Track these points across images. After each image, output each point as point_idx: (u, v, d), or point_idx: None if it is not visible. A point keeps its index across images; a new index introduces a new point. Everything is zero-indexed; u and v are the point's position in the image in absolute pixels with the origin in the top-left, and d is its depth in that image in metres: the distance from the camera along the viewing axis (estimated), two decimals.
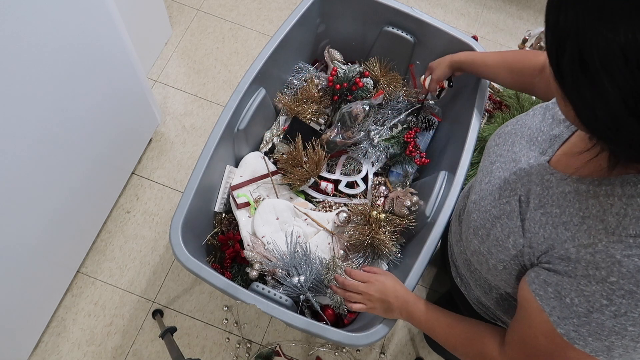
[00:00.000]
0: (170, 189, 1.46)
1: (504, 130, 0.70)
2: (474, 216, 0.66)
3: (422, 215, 0.95)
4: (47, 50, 0.84)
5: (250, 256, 0.95)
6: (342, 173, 1.14)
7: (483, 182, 0.68)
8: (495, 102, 1.39)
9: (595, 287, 0.47)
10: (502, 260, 0.60)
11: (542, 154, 0.61)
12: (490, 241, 0.61)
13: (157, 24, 1.57)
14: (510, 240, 0.58)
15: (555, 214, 0.53)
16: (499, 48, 1.87)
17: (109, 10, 0.98)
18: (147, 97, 1.30)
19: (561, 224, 0.52)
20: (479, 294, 0.76)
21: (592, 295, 0.47)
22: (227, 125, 0.95)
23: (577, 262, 0.49)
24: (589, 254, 0.48)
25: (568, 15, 0.39)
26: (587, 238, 0.48)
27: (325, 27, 1.20)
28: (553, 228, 0.52)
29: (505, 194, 0.62)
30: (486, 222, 0.63)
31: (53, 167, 0.98)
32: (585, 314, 0.48)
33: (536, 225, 0.55)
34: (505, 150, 0.67)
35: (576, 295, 0.49)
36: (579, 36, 0.38)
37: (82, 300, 1.30)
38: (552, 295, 0.51)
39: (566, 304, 0.50)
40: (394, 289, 0.78)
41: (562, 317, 0.50)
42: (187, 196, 0.88)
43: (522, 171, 0.61)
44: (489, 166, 0.68)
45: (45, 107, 0.89)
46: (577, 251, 0.49)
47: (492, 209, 0.62)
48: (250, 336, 1.30)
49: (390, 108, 1.16)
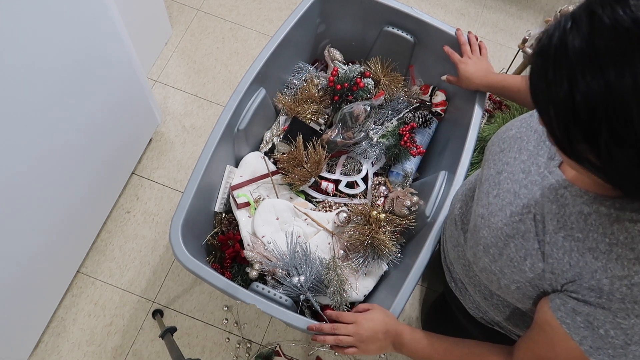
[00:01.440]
0: (170, 189, 1.46)
1: (508, 134, 0.67)
2: (484, 233, 0.62)
3: (422, 215, 0.95)
4: (47, 50, 0.84)
5: (250, 256, 0.95)
6: (342, 173, 1.14)
7: (491, 194, 0.64)
8: (495, 102, 1.39)
9: (634, 321, 0.46)
10: (515, 282, 0.58)
11: (551, 159, 0.59)
12: (503, 261, 0.59)
13: (157, 24, 1.57)
14: (527, 263, 0.56)
15: (578, 239, 0.51)
16: (499, 48, 1.87)
17: (109, 11, 0.98)
18: (147, 97, 1.30)
19: (587, 250, 0.50)
20: (478, 299, 0.74)
21: (630, 328, 0.46)
22: (227, 125, 0.95)
23: (611, 294, 0.47)
24: (624, 287, 0.46)
25: (625, 76, 0.36)
26: (621, 270, 0.47)
27: (325, 27, 1.20)
28: (580, 256, 0.50)
29: (517, 210, 0.59)
30: (498, 241, 0.60)
31: (53, 167, 0.98)
32: (623, 346, 0.47)
33: (560, 251, 0.53)
34: (512, 158, 0.64)
35: (611, 327, 0.48)
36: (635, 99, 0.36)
37: (82, 300, 1.30)
38: (582, 325, 0.50)
39: (600, 335, 0.49)
40: (384, 324, 0.74)
41: (596, 347, 0.49)
42: (187, 196, 0.88)
43: (533, 185, 0.59)
44: (496, 176, 0.65)
45: (45, 107, 0.89)
46: (611, 283, 0.47)
47: (505, 227, 0.59)
48: (250, 336, 1.30)
49: (391, 108, 1.16)
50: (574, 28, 0.39)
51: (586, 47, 0.38)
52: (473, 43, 1.03)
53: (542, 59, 0.42)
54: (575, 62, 0.39)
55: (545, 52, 0.42)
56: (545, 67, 0.42)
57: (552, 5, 2.01)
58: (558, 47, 0.40)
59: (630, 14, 0.36)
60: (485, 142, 1.23)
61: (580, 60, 0.38)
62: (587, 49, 0.38)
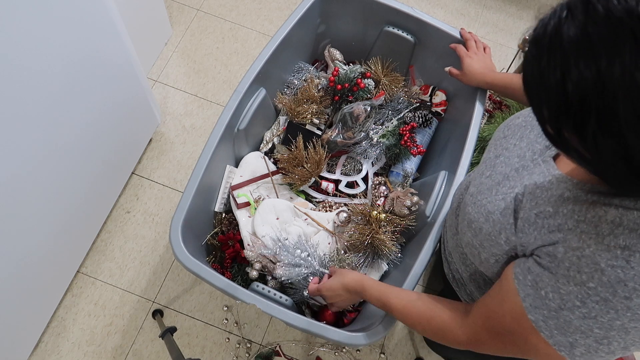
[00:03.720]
0: (170, 189, 1.46)
1: (514, 122, 0.69)
2: (469, 209, 0.66)
3: (422, 215, 0.95)
4: (47, 50, 0.83)
5: (250, 256, 0.95)
6: (342, 173, 1.14)
7: (484, 175, 0.68)
8: (495, 102, 1.39)
9: (571, 288, 0.48)
10: (494, 254, 0.61)
11: (548, 148, 0.60)
12: (483, 235, 0.62)
13: (157, 24, 1.57)
14: (502, 237, 0.59)
15: (548, 213, 0.53)
16: (499, 48, 1.87)
17: (109, 11, 0.98)
18: (147, 97, 1.30)
19: (555, 227, 0.52)
20: (472, 288, 0.76)
21: (567, 294, 0.49)
22: (227, 125, 0.95)
23: (562, 261, 0.49)
24: (575, 257, 0.48)
25: (615, 66, 0.36)
26: (577, 241, 0.49)
27: (325, 27, 1.20)
28: (548, 232, 0.53)
29: (503, 190, 0.62)
30: (480, 216, 0.63)
31: (53, 167, 0.98)
32: (556, 309, 0.50)
33: (530, 227, 0.55)
34: (512, 144, 0.66)
35: (551, 290, 0.50)
36: (627, 89, 0.36)
37: (82, 300, 1.30)
38: (529, 284, 0.53)
39: (540, 296, 0.51)
40: (340, 283, 0.82)
41: (534, 306, 0.52)
42: (187, 196, 0.88)
43: (524, 169, 0.61)
44: (493, 159, 0.68)
45: (45, 107, 0.89)
46: (565, 252, 0.49)
47: (488, 204, 0.63)
48: (250, 336, 1.30)
49: (391, 108, 1.16)
50: (569, 17, 0.40)
51: (580, 35, 0.38)
52: (478, 41, 1.04)
53: (536, 47, 0.43)
54: (569, 51, 0.39)
55: (540, 40, 0.42)
56: (539, 55, 0.42)
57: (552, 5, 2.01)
58: (553, 36, 0.41)
59: (624, 3, 0.36)
60: (485, 142, 1.24)
61: (574, 49, 0.39)
62: (581, 38, 0.38)
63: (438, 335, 0.67)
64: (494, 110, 1.38)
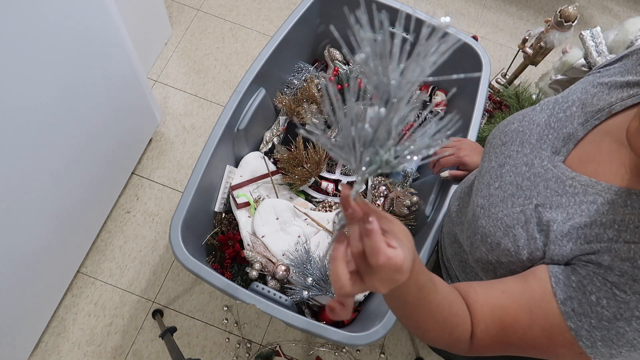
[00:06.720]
0: (170, 189, 1.46)
1: (509, 127, 0.66)
2: (483, 222, 0.61)
3: (422, 215, 0.95)
4: (46, 50, 0.83)
5: (250, 256, 0.95)
6: (342, 173, 1.14)
7: (492, 186, 0.63)
8: (495, 102, 1.39)
9: (629, 297, 0.44)
10: (512, 272, 0.56)
11: (556, 154, 0.57)
12: (501, 250, 0.57)
13: (157, 24, 1.57)
14: (525, 253, 0.54)
15: (585, 224, 0.49)
16: (499, 48, 1.87)
17: (108, 10, 0.98)
18: (147, 97, 1.30)
19: (593, 237, 0.48)
20: None
21: (625, 303, 0.44)
22: (227, 125, 0.95)
23: (610, 269, 0.45)
24: (626, 266, 0.44)
25: None
26: (627, 252, 0.45)
27: (325, 27, 1.20)
28: (586, 243, 0.48)
29: (519, 202, 0.57)
30: (497, 230, 0.58)
31: (53, 167, 0.98)
32: (609, 319, 0.44)
33: (564, 239, 0.50)
34: (514, 151, 0.62)
35: (605, 296, 0.45)
36: None
37: (82, 300, 1.30)
38: (574, 285, 0.46)
39: (589, 301, 0.45)
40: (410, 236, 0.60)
41: (579, 313, 0.45)
42: (187, 196, 0.88)
43: (536, 177, 0.57)
44: (498, 169, 0.64)
45: (44, 107, 0.89)
46: (612, 260, 0.45)
47: (505, 218, 0.58)
48: (250, 336, 1.30)
49: None
50: None
51: None
52: (450, 144, 0.93)
53: None
54: None
55: None
56: None
57: (552, 5, 2.02)
58: None
59: None
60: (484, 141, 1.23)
61: None
62: None
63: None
64: (494, 110, 1.38)
